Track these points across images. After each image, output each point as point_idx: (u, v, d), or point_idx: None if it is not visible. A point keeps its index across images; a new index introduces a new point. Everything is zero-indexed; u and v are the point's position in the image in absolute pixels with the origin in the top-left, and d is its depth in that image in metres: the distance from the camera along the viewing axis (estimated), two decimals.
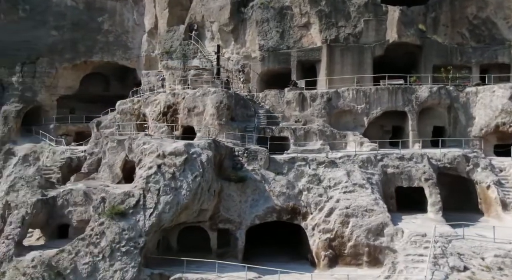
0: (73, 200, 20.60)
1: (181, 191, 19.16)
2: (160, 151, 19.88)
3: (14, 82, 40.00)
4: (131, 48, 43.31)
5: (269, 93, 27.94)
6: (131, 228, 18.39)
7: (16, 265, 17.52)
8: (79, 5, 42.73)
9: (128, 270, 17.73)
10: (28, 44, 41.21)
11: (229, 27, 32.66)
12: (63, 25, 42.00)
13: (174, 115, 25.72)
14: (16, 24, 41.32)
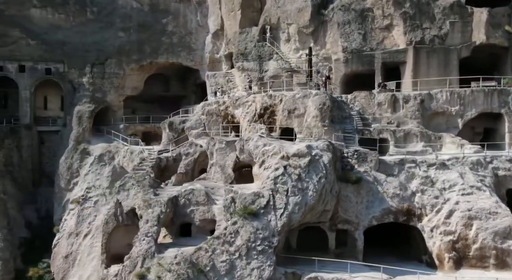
0: (195, 200, 21.16)
1: (307, 192, 19.60)
2: (284, 152, 20.33)
3: (85, 83, 40.92)
4: (194, 49, 43.97)
5: (358, 95, 28.23)
6: (264, 227, 18.87)
7: (159, 262, 18.10)
8: (144, 6, 43.49)
9: (265, 269, 18.23)
10: (97, 46, 42.14)
11: (309, 29, 32.99)
12: (129, 26, 42.81)
13: (271, 117, 26.17)
14: (84, 26, 42.22)
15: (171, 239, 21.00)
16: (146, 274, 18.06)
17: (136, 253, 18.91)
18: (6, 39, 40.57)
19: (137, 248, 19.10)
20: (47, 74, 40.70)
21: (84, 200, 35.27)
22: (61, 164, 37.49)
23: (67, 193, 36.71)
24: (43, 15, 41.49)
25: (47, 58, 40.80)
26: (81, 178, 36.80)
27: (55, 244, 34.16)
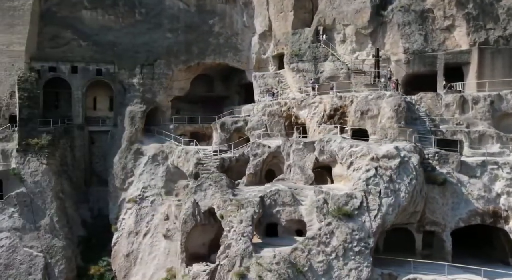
0: (281, 200, 21.37)
1: (399, 194, 19.71)
2: (373, 154, 20.45)
3: (135, 83, 41.36)
4: (241, 50, 44.25)
5: (424, 96, 28.19)
6: (360, 229, 19.03)
7: (258, 261, 18.33)
8: (191, 7, 43.87)
9: (363, 270, 18.38)
10: (146, 47, 42.57)
11: (368, 30, 33.04)
12: (177, 27, 43.21)
13: (342, 118, 26.29)
14: (133, 27, 42.69)
15: (259, 239, 21.20)
16: (246, 273, 18.30)
17: (233, 253, 19.15)
18: (59, 41, 41.23)
19: (234, 247, 19.34)
20: (98, 75, 41.24)
21: (141, 199, 35.71)
22: (115, 164, 37.97)
23: (122, 193, 37.17)
24: (93, 17, 42.07)
25: (98, 59, 41.35)
26: (136, 177, 37.23)
27: (115, 242, 34.65)
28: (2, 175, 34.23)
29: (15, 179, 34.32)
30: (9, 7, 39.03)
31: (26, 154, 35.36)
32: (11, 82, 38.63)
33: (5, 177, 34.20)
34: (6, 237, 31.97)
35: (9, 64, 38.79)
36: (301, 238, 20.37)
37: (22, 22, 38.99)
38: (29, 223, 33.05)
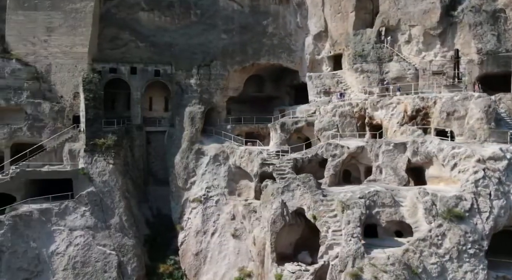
0: (380, 202, 21.50)
1: (509, 196, 19.75)
2: (478, 155, 20.48)
3: (192, 84, 41.77)
4: (294, 50, 44.40)
5: (504, 97, 28.10)
6: (472, 231, 19.10)
7: (371, 262, 18.50)
8: (245, 8, 44.15)
9: (479, 272, 18.46)
10: (202, 48, 42.98)
11: (437, 31, 32.96)
12: (231, 28, 43.54)
13: (425, 119, 26.31)
14: (189, 28, 43.11)
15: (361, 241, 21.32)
16: (360, 274, 18.47)
17: (345, 253, 19.32)
18: (118, 42, 41.83)
19: (344, 248, 19.51)
20: (156, 76, 41.68)
21: (206, 199, 36.08)
22: (177, 164, 38.38)
23: (185, 192, 37.58)
24: (150, 18, 42.59)
25: (155, 60, 41.82)
26: (198, 177, 37.61)
27: (182, 241, 35.07)
28: (72, 174, 34.83)
29: (85, 178, 34.89)
30: (71, 9, 39.64)
31: (93, 154, 35.96)
32: (74, 83, 39.27)
33: (75, 177, 34.76)
34: (80, 235, 32.53)
35: (72, 66, 39.43)
36: (404, 239, 20.49)
37: (84, 24, 39.59)
38: (100, 221, 33.59)
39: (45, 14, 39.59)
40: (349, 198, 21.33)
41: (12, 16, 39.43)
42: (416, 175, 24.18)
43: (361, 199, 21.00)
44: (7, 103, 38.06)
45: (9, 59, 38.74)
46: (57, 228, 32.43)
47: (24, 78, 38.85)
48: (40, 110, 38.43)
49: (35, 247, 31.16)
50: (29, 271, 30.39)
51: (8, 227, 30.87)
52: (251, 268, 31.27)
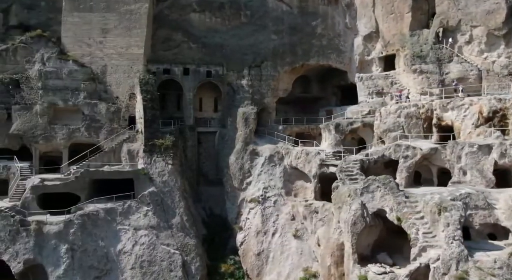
0: (473, 204, 21.55)
1: None
2: None
3: (244, 85, 42.07)
4: (343, 51, 44.46)
5: None
6: None
7: (477, 265, 18.56)
8: (294, 9, 44.31)
9: None
10: (253, 48, 43.25)
11: (502, 31, 32.84)
12: (281, 29, 43.71)
13: (502, 120, 26.28)
14: (239, 29, 43.39)
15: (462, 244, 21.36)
16: (466, 277, 18.55)
17: (447, 256, 19.40)
18: (171, 43, 42.24)
19: (447, 251, 19.59)
20: (208, 77, 42.07)
21: (264, 199, 36.32)
22: (232, 164, 38.70)
23: (241, 193, 37.89)
24: (201, 19, 42.95)
25: (207, 61, 42.16)
26: (254, 178, 37.89)
27: (242, 241, 35.35)
28: (133, 174, 35.25)
29: (145, 178, 35.31)
30: (126, 11, 40.07)
31: (151, 155, 36.37)
32: (130, 84, 39.70)
33: (136, 177, 35.19)
34: (145, 234, 32.93)
35: (127, 67, 39.86)
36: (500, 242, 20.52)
37: (139, 25, 39.98)
38: (162, 221, 33.96)
39: (100, 15, 40.08)
40: (443, 201, 21.37)
41: (68, 18, 39.98)
42: (500, 177, 24.16)
43: (457, 202, 21.03)
44: (65, 103, 38.64)
45: (66, 60, 39.30)
46: (122, 227, 32.87)
47: (81, 79, 39.37)
48: (96, 111, 38.93)
49: (103, 246, 31.62)
50: (99, 269, 30.86)
51: (78, 226, 31.37)
52: (316, 269, 31.50)
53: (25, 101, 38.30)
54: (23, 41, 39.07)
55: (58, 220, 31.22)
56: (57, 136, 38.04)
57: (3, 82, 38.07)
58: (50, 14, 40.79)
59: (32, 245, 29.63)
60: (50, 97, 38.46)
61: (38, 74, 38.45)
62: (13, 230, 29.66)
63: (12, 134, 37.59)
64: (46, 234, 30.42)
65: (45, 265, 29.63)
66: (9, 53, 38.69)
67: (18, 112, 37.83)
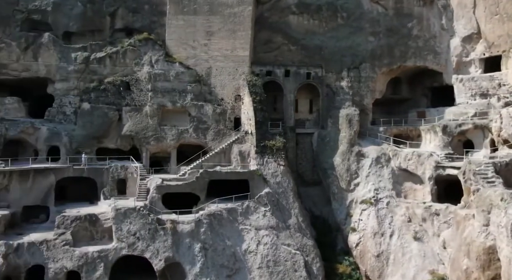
0: None
1: None
2: None
3: (344, 87, 42.26)
4: (439, 52, 44.10)
5: None
6: None
7: None
8: (389, 11, 44.19)
9: None
10: (350, 50, 43.35)
11: None
12: (378, 31, 43.67)
13: None
14: (336, 31, 43.54)
15: None
16: None
17: None
18: (271, 45, 42.73)
19: None
20: (307, 78, 42.40)
21: (376, 201, 36.45)
22: (338, 165, 38.94)
23: (348, 194, 38.09)
24: (299, 21, 43.25)
25: (306, 63, 42.51)
26: (362, 179, 38.06)
27: (358, 243, 35.55)
28: (248, 175, 35.81)
29: (260, 179, 35.86)
30: (229, 14, 40.72)
31: (263, 156, 36.92)
32: (235, 85, 40.39)
33: (251, 178, 35.75)
34: (266, 235, 33.44)
35: (233, 69, 40.53)
36: None
37: (243, 28, 40.60)
38: (280, 222, 34.42)
39: (204, 18, 40.84)
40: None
41: (172, 21, 40.87)
42: None
43: None
44: (174, 105, 39.55)
45: (173, 63, 40.22)
46: (244, 227, 33.45)
47: (187, 81, 40.23)
48: (203, 112, 39.73)
49: (230, 245, 32.25)
50: (229, 268, 31.49)
51: (206, 226, 32.07)
52: (443, 272, 31.49)
53: (135, 103, 39.37)
54: (132, 44, 40.20)
55: (188, 219, 32.00)
56: (167, 137, 38.98)
57: (115, 84, 39.23)
58: (153, 17, 41.65)
59: (170, 244, 30.41)
60: (159, 99, 39.42)
61: (147, 76, 39.43)
62: (152, 228, 30.51)
63: (124, 135, 38.76)
64: (181, 233, 31.20)
65: (183, 263, 30.40)
66: (119, 56, 39.85)
67: (129, 114, 38.93)
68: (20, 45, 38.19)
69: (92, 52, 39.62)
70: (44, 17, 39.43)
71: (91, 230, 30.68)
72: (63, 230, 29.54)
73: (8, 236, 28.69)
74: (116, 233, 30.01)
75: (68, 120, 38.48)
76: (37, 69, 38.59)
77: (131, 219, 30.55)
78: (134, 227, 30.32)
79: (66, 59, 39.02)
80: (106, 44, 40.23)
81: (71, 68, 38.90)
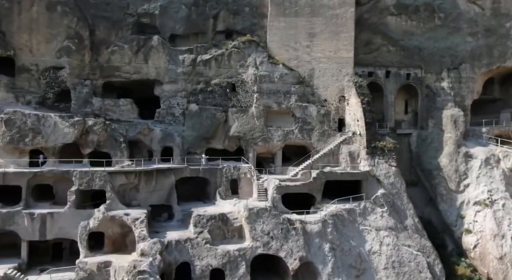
0: None
1: None
2: None
3: (445, 87, 42.08)
4: None
5: None
6: None
7: None
8: (486, 11, 43.74)
9: None
10: (449, 51, 43.06)
11: None
12: (476, 31, 43.24)
13: None
14: (433, 32, 43.29)
15: None
16: None
17: None
18: (371, 46, 42.79)
19: None
20: (407, 79, 42.33)
21: (491, 202, 36.24)
22: (445, 166, 38.83)
23: (458, 195, 37.98)
24: (397, 22, 43.20)
25: (406, 64, 42.44)
26: (473, 180, 37.88)
27: (475, 244, 35.44)
28: (362, 176, 36.03)
29: (373, 180, 36.05)
30: (331, 15, 40.93)
31: (373, 157, 37.11)
32: (339, 87, 40.60)
33: (364, 179, 35.98)
34: (386, 235, 33.59)
35: (336, 70, 40.76)
36: None
37: (346, 29, 40.79)
38: (398, 223, 34.54)
39: (306, 20, 41.12)
40: None
41: (274, 23, 41.26)
42: None
43: None
44: (279, 106, 39.97)
45: (276, 64, 40.62)
46: (364, 228, 33.68)
47: (290, 82, 40.60)
48: (307, 113, 40.07)
49: (355, 246, 32.50)
50: (356, 268, 31.73)
51: (332, 226, 32.39)
52: None
53: (241, 104, 39.92)
54: (236, 46, 40.74)
55: (315, 219, 32.38)
56: (274, 138, 39.43)
57: (221, 86, 39.85)
58: (253, 19, 42.07)
59: (302, 243, 30.78)
60: (264, 100, 39.88)
61: (253, 77, 39.95)
62: (284, 228, 30.94)
63: (232, 136, 39.35)
64: (310, 233, 31.58)
65: (315, 263, 30.77)
66: (224, 58, 40.45)
67: (235, 115, 39.50)
68: (131, 48, 39.07)
69: (197, 55, 40.29)
70: (152, 20, 40.24)
71: (223, 229, 31.27)
72: (200, 229, 30.21)
73: (150, 234, 29.47)
74: (251, 233, 30.53)
75: (177, 122, 39.27)
76: (147, 71, 39.46)
77: (263, 219, 31.05)
78: (267, 227, 30.81)
79: (174, 61, 39.80)
80: (210, 46, 40.87)
81: (179, 70, 39.65)
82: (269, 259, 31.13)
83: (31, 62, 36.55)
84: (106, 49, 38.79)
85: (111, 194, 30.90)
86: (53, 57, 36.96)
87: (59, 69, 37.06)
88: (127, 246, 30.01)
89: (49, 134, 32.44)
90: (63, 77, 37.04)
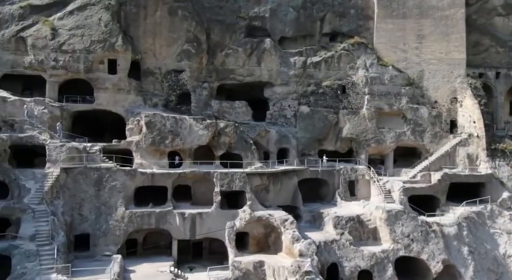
0: None
1: None
2: None
3: None
4: None
5: None
6: None
7: None
8: None
9: None
10: None
11: None
12: None
13: None
14: None
15: None
16: None
17: None
18: (479, 47, 42.39)
19: None
20: None
21: None
22: None
23: None
24: (505, 23, 42.70)
25: None
26: None
27: None
28: (485, 179, 35.72)
29: (497, 183, 35.71)
30: (441, 16, 40.69)
31: (493, 159, 36.76)
32: (451, 88, 40.32)
33: (488, 181, 35.67)
34: None
35: (447, 72, 40.50)
36: None
37: (456, 31, 40.49)
38: None
39: (414, 22, 40.98)
40: None
41: (381, 25, 41.25)
42: None
43: None
44: (390, 108, 39.95)
45: (386, 66, 40.60)
46: (495, 231, 33.33)
47: (400, 84, 40.52)
48: (418, 115, 39.92)
49: (490, 249, 32.22)
50: (495, 272, 31.42)
51: (467, 229, 32.18)
52: None
53: (351, 106, 40.07)
54: (345, 48, 40.91)
55: (449, 222, 32.24)
56: (386, 140, 39.44)
57: (332, 88, 40.07)
58: (359, 21, 42.14)
59: (442, 246, 30.68)
60: (376, 102, 39.93)
61: (364, 79, 40.04)
62: (423, 230, 30.88)
63: (344, 137, 39.52)
64: (447, 235, 31.48)
65: (457, 266, 30.63)
66: (333, 60, 40.67)
67: (346, 117, 39.65)
68: (245, 51, 39.62)
69: (307, 57, 40.64)
70: (263, 23, 40.74)
71: (360, 231, 31.43)
72: (340, 230, 30.44)
73: None
74: (391, 235, 30.57)
75: (289, 123, 39.65)
76: (260, 74, 39.96)
77: (402, 221, 31.07)
78: (406, 229, 30.80)
79: (286, 63, 40.20)
80: (319, 48, 41.15)
81: (291, 72, 40.03)
82: (405, 261, 31.10)
83: (155, 65, 37.44)
84: (220, 52, 39.47)
85: (251, 195, 31.41)
86: (174, 60, 37.78)
87: (179, 72, 37.87)
88: (269, 246, 30.49)
89: (186, 136, 33.19)
90: (184, 80, 37.84)
